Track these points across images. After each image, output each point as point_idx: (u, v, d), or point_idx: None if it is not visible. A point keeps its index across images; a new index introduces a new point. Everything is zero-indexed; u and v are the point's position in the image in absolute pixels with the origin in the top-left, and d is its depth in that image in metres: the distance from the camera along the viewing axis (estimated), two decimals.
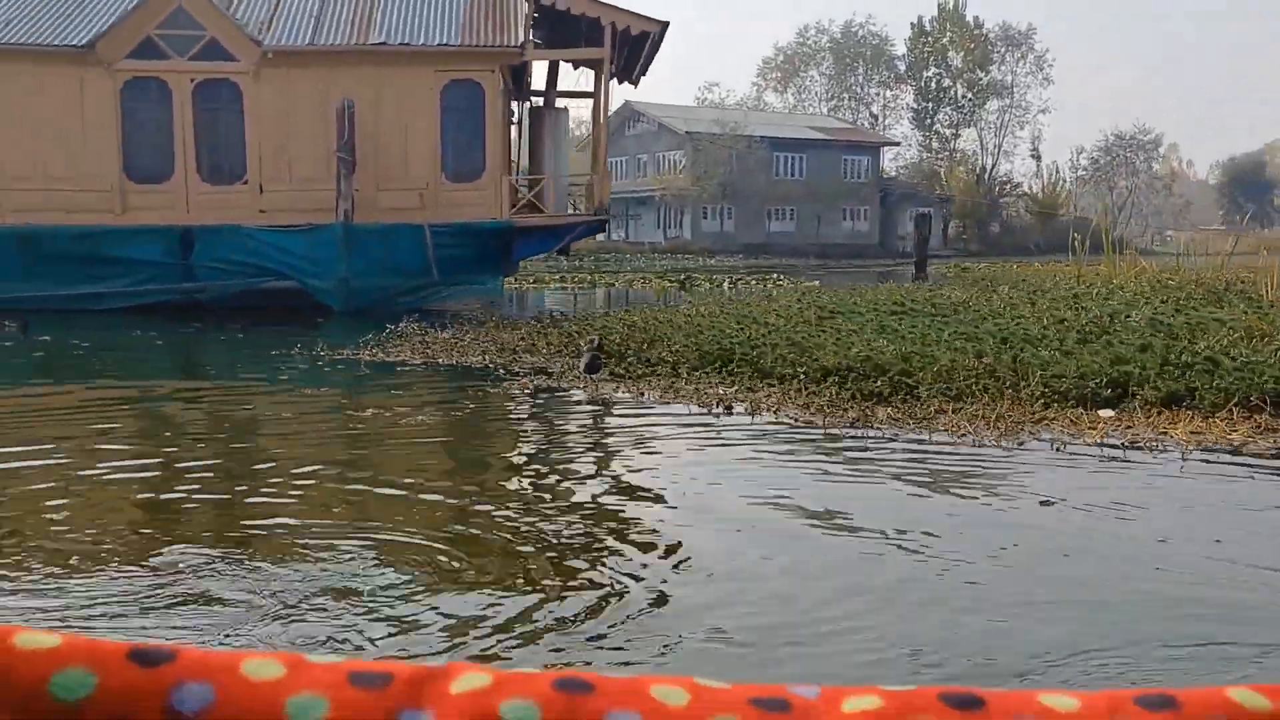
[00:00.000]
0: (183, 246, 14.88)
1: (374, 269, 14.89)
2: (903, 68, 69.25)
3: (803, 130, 59.39)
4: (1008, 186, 66.47)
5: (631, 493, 4.49)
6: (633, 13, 15.11)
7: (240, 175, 15.27)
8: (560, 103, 18.23)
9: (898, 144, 64.93)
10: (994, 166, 68.20)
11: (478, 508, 4.08)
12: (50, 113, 14.67)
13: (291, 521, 3.88)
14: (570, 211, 17.59)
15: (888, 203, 60.08)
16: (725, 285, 23.83)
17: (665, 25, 15.47)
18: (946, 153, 69.64)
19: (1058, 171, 65.85)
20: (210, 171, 15.25)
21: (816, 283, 25.04)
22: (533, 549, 3.53)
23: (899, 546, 3.48)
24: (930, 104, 68.37)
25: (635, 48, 16.43)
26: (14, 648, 0.50)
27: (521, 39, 15.17)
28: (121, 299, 14.85)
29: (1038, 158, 65.88)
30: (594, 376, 7.25)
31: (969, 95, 67.95)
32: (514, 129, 17.78)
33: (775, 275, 25.44)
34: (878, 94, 70.47)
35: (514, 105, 17.76)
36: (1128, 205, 68.60)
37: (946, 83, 68.40)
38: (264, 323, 13.51)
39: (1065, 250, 60.87)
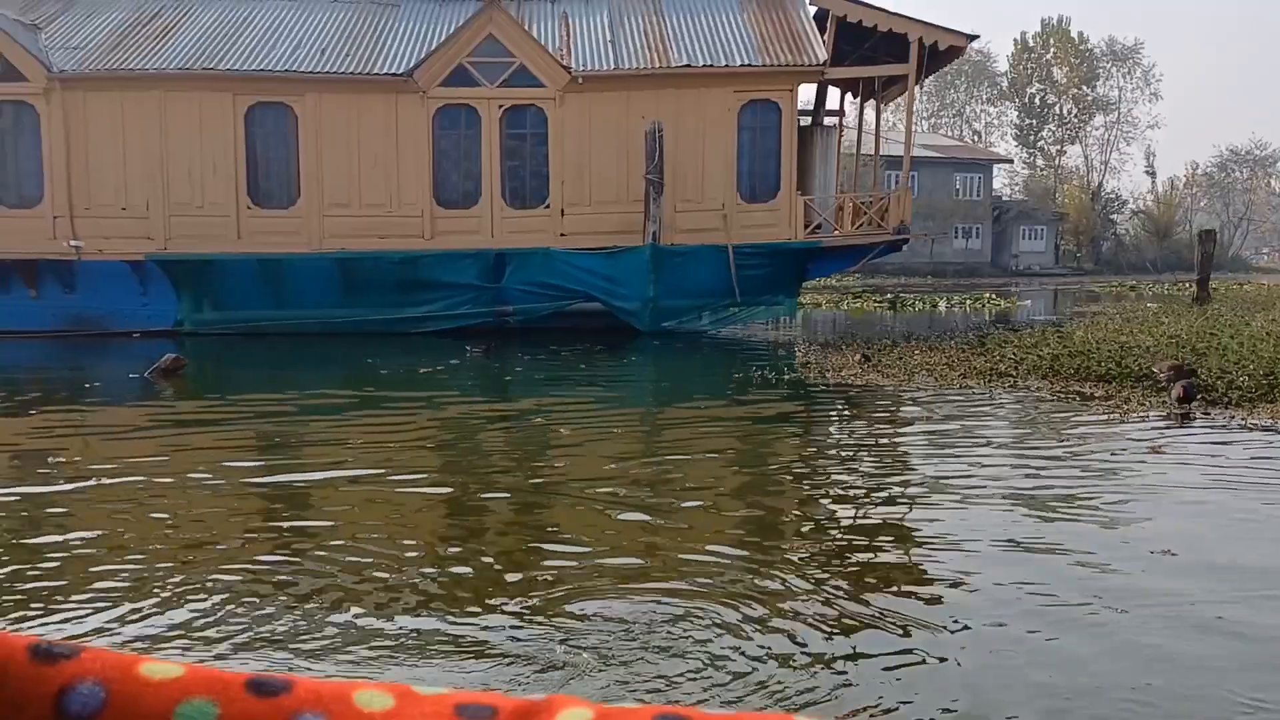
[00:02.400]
0: (495, 270, 15.02)
1: (679, 290, 14.91)
2: (1005, 84, 68.51)
3: (915, 148, 58.73)
4: (1116, 203, 65.37)
5: None
6: (942, 28, 14.99)
7: (543, 199, 15.39)
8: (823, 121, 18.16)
9: (1010, 161, 64.13)
10: (1101, 183, 67.12)
11: None
12: (368, 141, 14.95)
13: None
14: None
15: (1001, 220, 59.39)
16: (941, 305, 23.55)
17: (973, 39, 15.32)
18: (1051, 169, 68.91)
19: (1174, 188, 64.48)
20: (513, 196, 15.40)
21: (1028, 302, 24.62)
22: None
23: None
24: (1034, 121, 67.52)
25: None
26: (140, 676, 0.51)
27: (824, 57, 15.13)
28: (434, 322, 15.03)
29: (1152, 174, 64.65)
30: (1189, 405, 6.99)
31: (1075, 111, 67.07)
32: None
33: (988, 294, 25.10)
34: (981, 111, 69.81)
35: None
36: (1244, 222, 66.83)
37: (1051, 99, 67.58)
38: (589, 343, 13.58)
39: (1181, 268, 59.11)
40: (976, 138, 69.01)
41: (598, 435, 6.81)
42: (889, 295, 24.72)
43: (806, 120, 17.79)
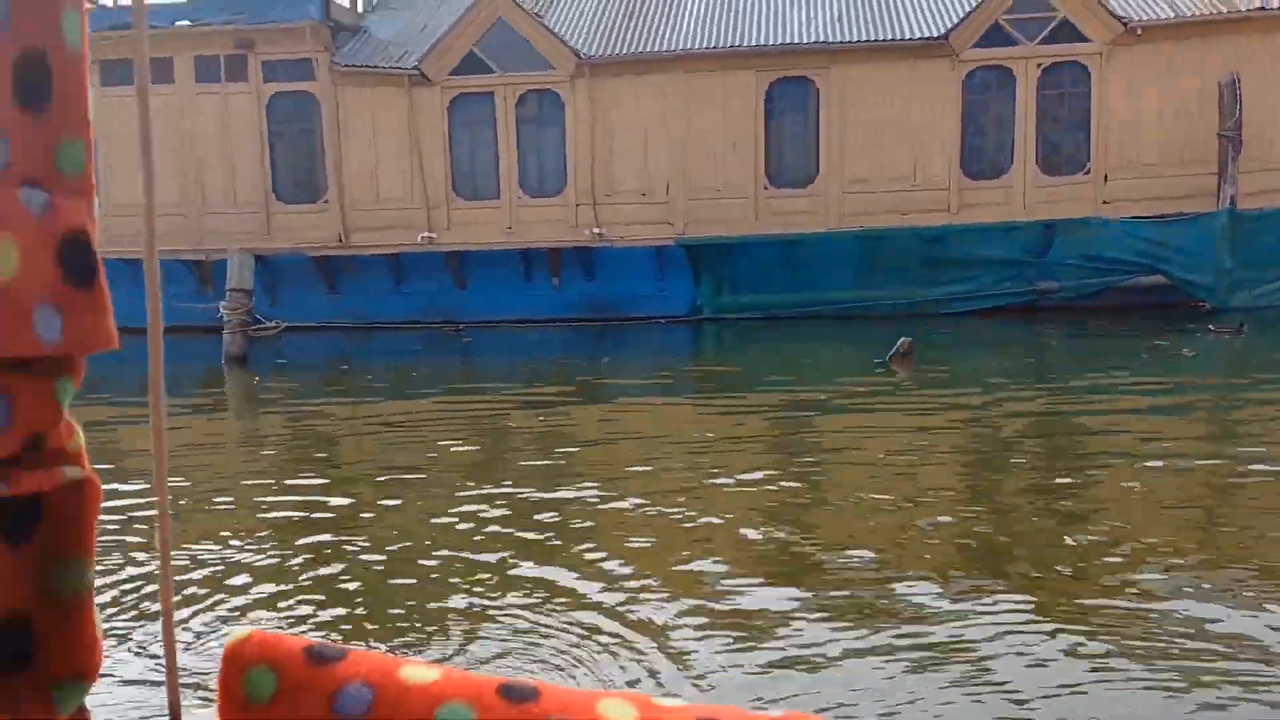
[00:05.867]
0: (1039, 245, 13.78)
1: (1258, 259, 13.18)
2: None
3: None
4: None
5: None
6: None
7: (1081, 165, 14.01)
8: None
9: None
10: None
11: None
12: (892, 111, 14.02)
13: None
14: None
15: None
16: None
17: None
18: None
19: None
20: (1047, 163, 14.10)
21: None
22: None
23: None
24: None
25: None
26: (401, 679, 0.52)
27: None
28: (962, 303, 13.95)
29: None
30: None
31: None
32: None
33: None
34: None
35: None
36: None
37: None
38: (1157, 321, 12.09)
39: None
40: None
41: None
42: None
43: None
